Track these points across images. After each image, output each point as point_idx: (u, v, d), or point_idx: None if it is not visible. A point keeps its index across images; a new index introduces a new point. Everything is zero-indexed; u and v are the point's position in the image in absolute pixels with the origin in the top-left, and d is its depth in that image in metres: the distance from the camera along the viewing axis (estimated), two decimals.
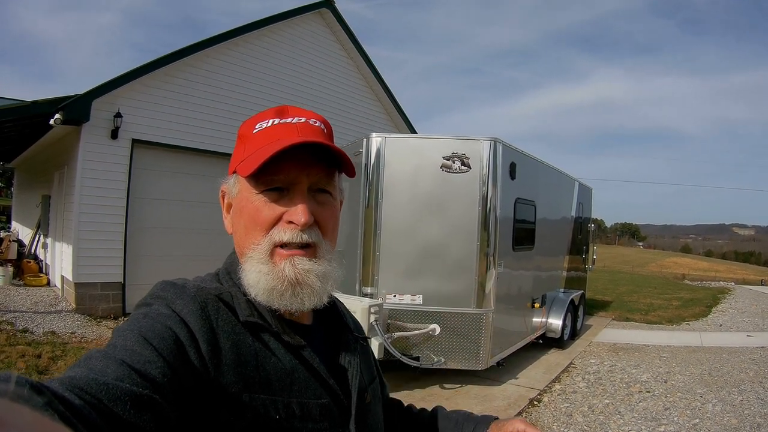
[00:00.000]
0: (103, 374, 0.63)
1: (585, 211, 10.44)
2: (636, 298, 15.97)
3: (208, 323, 0.80)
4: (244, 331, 0.83)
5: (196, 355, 0.76)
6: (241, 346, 0.81)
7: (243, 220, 0.90)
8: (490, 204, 5.93)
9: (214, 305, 0.83)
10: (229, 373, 0.78)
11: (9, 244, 12.35)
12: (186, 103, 9.43)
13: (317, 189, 0.90)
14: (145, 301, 0.83)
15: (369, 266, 5.98)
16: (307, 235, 0.87)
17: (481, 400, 5.79)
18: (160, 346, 0.72)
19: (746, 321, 12.05)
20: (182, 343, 0.75)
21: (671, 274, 35.08)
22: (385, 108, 13.84)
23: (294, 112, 0.93)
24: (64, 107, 7.80)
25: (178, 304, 0.80)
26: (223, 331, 0.81)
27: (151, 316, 0.78)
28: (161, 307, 0.80)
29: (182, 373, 0.72)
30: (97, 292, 8.48)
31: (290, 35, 11.28)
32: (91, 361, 0.67)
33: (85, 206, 8.28)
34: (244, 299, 0.87)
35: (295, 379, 0.84)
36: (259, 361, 0.82)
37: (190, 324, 0.78)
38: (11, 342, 6.45)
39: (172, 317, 0.78)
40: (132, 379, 0.65)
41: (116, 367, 0.66)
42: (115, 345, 0.72)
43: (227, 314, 0.84)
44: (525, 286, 7.28)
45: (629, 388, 6.50)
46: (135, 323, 0.77)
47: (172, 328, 0.76)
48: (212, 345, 0.78)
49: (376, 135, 6.09)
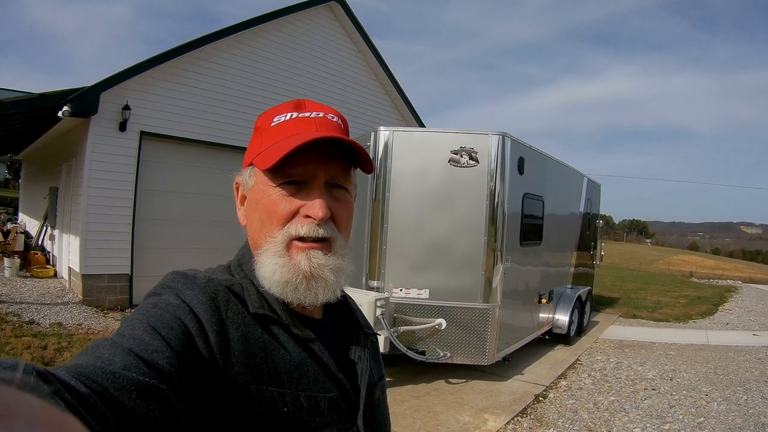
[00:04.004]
0: (110, 363, 0.63)
1: (593, 207, 10.41)
2: (643, 295, 15.92)
3: (218, 314, 0.79)
4: (254, 323, 0.83)
5: (204, 345, 0.75)
6: (250, 337, 0.81)
7: (259, 212, 0.90)
8: (498, 199, 5.91)
9: (224, 296, 0.83)
10: (238, 365, 0.77)
11: (16, 236, 12.43)
12: (195, 96, 9.43)
13: (334, 184, 0.90)
14: (155, 291, 0.83)
15: (376, 260, 5.98)
16: (323, 229, 0.87)
17: (486, 395, 5.79)
18: (168, 336, 0.72)
19: (753, 320, 12.00)
20: (191, 333, 0.75)
21: (678, 272, 34.95)
22: (394, 102, 13.81)
23: (312, 106, 0.93)
24: (73, 99, 7.81)
25: (188, 295, 0.80)
26: (232, 323, 0.80)
27: (160, 306, 0.78)
28: (171, 297, 0.80)
29: (190, 364, 0.72)
30: (104, 284, 8.52)
31: (300, 28, 11.26)
32: (98, 350, 0.66)
33: (92, 198, 8.31)
34: (255, 291, 0.87)
35: (303, 372, 0.84)
36: (268, 354, 0.81)
37: (200, 315, 0.78)
38: (17, 333, 6.49)
39: (182, 307, 0.78)
40: (139, 368, 0.64)
41: (123, 356, 0.65)
42: (123, 334, 0.71)
43: (237, 306, 0.83)
44: (532, 282, 7.26)
45: (635, 385, 6.48)
46: (144, 313, 0.76)
47: (181, 318, 0.76)
48: (221, 336, 0.77)
49: (384, 128, 6.07)
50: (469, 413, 5.25)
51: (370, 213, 6.05)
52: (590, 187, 10.00)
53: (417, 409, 5.26)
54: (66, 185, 10.29)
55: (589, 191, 9.89)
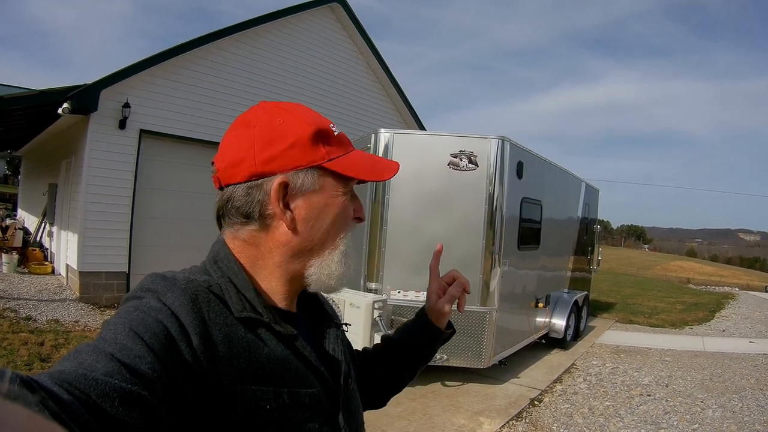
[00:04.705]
0: (93, 369, 0.63)
1: (591, 212, 10.41)
2: (640, 301, 15.93)
3: (200, 316, 0.79)
4: (236, 322, 0.83)
5: (187, 348, 0.75)
6: (233, 338, 0.81)
7: (330, 216, 0.93)
8: (496, 202, 5.92)
9: (205, 297, 0.83)
10: (222, 366, 0.77)
11: (14, 232, 12.42)
12: (195, 95, 9.45)
13: None
14: (135, 294, 0.82)
15: (374, 262, 5.98)
16: None
17: (482, 398, 5.80)
18: (150, 341, 0.71)
19: (749, 327, 11.99)
20: (173, 337, 0.75)
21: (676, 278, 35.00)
22: (394, 104, 13.82)
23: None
24: (73, 97, 7.81)
25: (169, 297, 0.80)
26: (214, 324, 0.80)
27: (141, 309, 0.77)
28: (152, 300, 0.79)
29: (173, 368, 0.72)
30: (101, 282, 8.52)
31: (300, 29, 11.28)
32: (80, 356, 0.66)
33: (91, 195, 8.32)
34: (235, 291, 0.87)
35: (286, 369, 0.85)
36: (252, 353, 0.82)
37: (181, 317, 0.77)
38: (14, 329, 6.49)
39: (163, 311, 0.77)
40: (121, 374, 0.64)
41: (106, 362, 0.65)
42: (105, 338, 0.71)
43: (218, 306, 0.83)
44: (529, 286, 7.26)
45: (630, 390, 6.49)
46: (125, 316, 0.76)
47: (163, 322, 0.75)
48: (204, 338, 0.77)
49: (384, 131, 6.08)
50: (465, 416, 5.25)
51: (369, 215, 6.04)
52: (588, 192, 10.01)
53: (413, 412, 5.26)
54: (65, 182, 10.29)
55: (587, 196, 9.90)
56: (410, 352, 1.32)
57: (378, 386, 1.31)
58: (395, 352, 1.31)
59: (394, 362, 1.32)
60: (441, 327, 1.32)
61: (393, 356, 1.31)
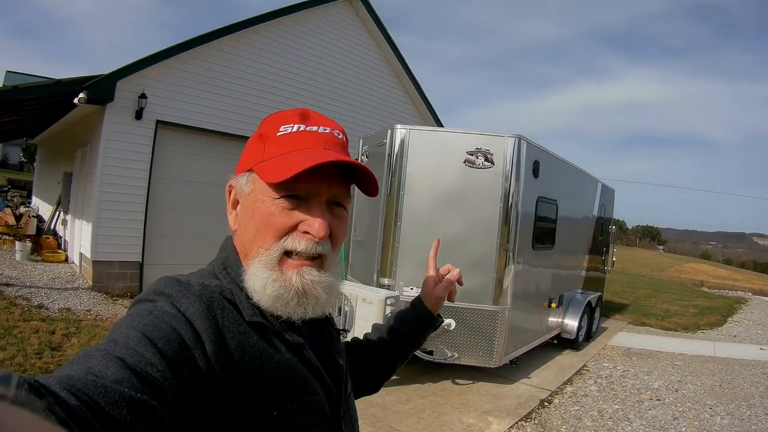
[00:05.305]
0: (102, 376, 0.62)
1: (607, 212, 10.34)
2: (653, 303, 15.83)
3: (215, 323, 0.79)
4: (249, 330, 0.83)
5: (201, 356, 0.75)
6: (246, 345, 0.81)
7: (254, 222, 0.89)
8: (511, 201, 5.88)
9: (219, 304, 0.82)
10: (234, 373, 0.77)
11: (28, 220, 12.53)
12: (211, 87, 9.46)
13: (334, 201, 0.91)
14: (149, 297, 0.81)
15: (388, 257, 5.97)
16: (321, 247, 0.87)
17: (492, 397, 5.78)
18: (163, 348, 0.71)
19: (761, 333, 11.84)
20: (187, 344, 0.74)
21: (689, 280, 34.76)
22: (412, 99, 13.76)
23: (317, 119, 0.93)
24: (89, 86, 7.85)
25: (184, 303, 0.79)
26: (228, 331, 0.80)
27: (155, 314, 0.76)
28: (166, 305, 0.78)
29: (185, 376, 0.71)
30: (114, 271, 8.57)
31: (319, 22, 11.25)
32: (90, 360, 0.65)
33: (106, 185, 8.36)
34: (245, 297, 0.86)
35: (294, 377, 0.85)
36: (263, 360, 0.82)
37: (196, 324, 0.77)
38: (26, 317, 6.54)
39: (177, 317, 0.76)
40: (131, 382, 0.63)
41: (116, 368, 0.64)
42: (117, 342, 0.70)
43: (232, 313, 0.83)
44: (543, 285, 7.23)
45: (640, 394, 6.44)
46: (139, 320, 0.75)
47: (177, 328, 0.75)
48: (218, 346, 0.77)
49: (400, 126, 6.05)
50: (474, 415, 5.23)
51: (384, 210, 6.04)
52: (604, 192, 9.94)
53: (422, 409, 5.25)
54: (80, 171, 10.37)
55: (602, 196, 9.83)
56: (405, 339, 1.34)
57: (373, 372, 1.32)
58: (390, 339, 1.33)
59: (389, 349, 1.33)
60: (436, 313, 1.35)
61: (388, 343, 1.33)
